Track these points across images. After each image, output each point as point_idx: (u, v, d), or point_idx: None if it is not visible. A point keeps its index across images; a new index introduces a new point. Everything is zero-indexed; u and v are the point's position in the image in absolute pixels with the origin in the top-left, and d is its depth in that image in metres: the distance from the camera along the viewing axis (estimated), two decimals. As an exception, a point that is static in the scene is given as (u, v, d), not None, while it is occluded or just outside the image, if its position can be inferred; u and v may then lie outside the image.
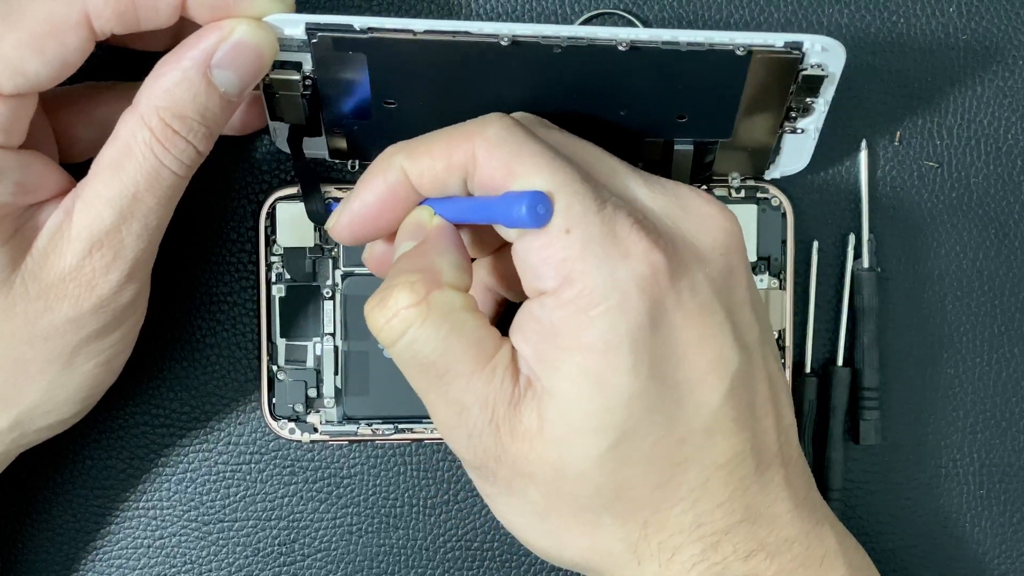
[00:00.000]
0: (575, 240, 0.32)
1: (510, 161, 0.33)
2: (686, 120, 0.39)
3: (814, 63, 0.37)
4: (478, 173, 0.33)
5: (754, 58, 0.36)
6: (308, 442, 0.42)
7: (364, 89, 0.38)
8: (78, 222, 0.35)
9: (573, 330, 0.32)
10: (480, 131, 0.34)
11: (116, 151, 0.34)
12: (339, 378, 0.42)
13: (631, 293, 0.32)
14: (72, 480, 0.43)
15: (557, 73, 0.37)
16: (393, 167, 0.35)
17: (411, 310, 0.33)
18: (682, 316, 0.33)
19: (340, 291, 0.42)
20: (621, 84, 0.37)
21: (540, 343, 0.33)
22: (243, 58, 0.34)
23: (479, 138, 0.33)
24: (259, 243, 0.41)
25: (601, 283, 0.32)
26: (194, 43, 0.34)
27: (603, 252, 0.32)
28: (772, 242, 0.42)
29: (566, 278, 0.32)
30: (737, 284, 0.35)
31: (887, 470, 0.44)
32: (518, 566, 0.44)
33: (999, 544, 0.44)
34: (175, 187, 0.35)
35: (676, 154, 0.39)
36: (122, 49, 0.39)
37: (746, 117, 0.39)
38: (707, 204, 0.35)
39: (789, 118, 0.39)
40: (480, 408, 0.33)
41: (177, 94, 0.34)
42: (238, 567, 0.44)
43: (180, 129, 0.34)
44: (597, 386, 0.32)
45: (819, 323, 0.44)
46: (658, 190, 0.35)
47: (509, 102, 0.38)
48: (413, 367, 0.34)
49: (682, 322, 0.33)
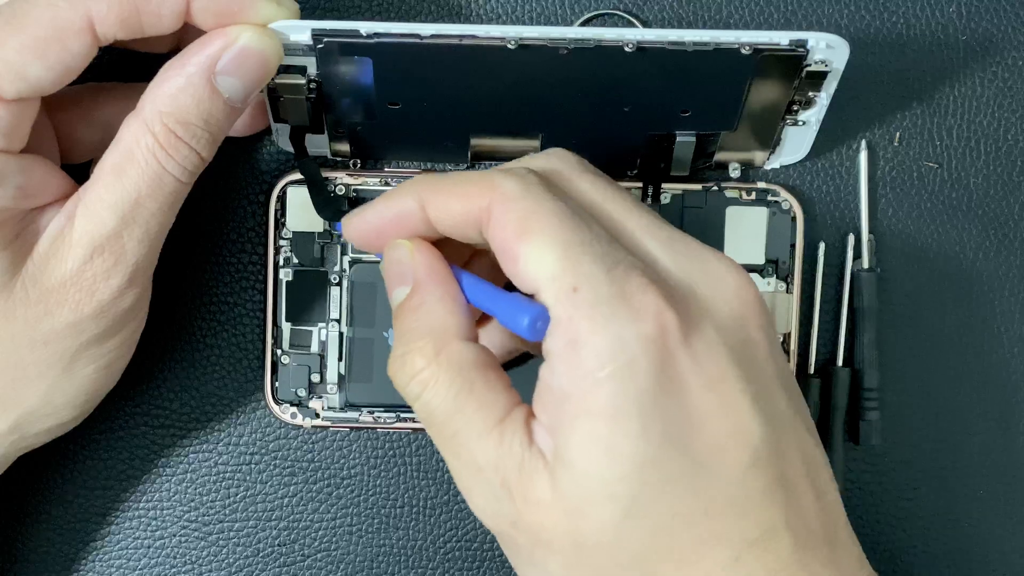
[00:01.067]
0: (583, 299, 0.31)
1: (523, 219, 0.32)
2: (690, 114, 0.39)
3: (818, 59, 0.37)
4: (492, 227, 0.33)
5: (759, 56, 0.36)
6: (310, 427, 0.42)
7: (369, 92, 0.38)
8: (80, 227, 0.34)
9: (581, 394, 0.31)
10: (499, 184, 0.33)
11: (119, 156, 0.34)
12: (343, 364, 0.42)
13: (638, 355, 0.31)
14: (72, 480, 0.43)
15: (562, 74, 0.37)
16: (414, 195, 0.34)
17: (425, 372, 0.33)
18: (697, 379, 0.31)
19: (348, 277, 0.42)
20: (626, 84, 0.37)
21: (552, 409, 0.32)
22: (248, 64, 0.34)
23: (496, 192, 0.33)
24: (268, 226, 0.42)
25: (608, 344, 0.31)
26: (198, 49, 0.34)
27: (611, 312, 0.31)
28: (781, 245, 0.42)
29: (572, 339, 0.31)
30: (758, 351, 0.33)
31: (887, 470, 0.44)
32: (518, 566, 0.44)
33: (999, 544, 0.44)
34: (177, 193, 0.35)
35: (678, 144, 0.40)
36: (125, 51, 0.39)
37: (749, 112, 0.39)
38: (729, 270, 0.33)
39: (791, 111, 0.40)
40: (493, 471, 0.32)
41: (181, 100, 0.34)
42: (238, 567, 0.44)
43: (183, 135, 0.34)
44: (607, 453, 0.31)
45: (819, 323, 0.44)
46: (680, 249, 0.34)
47: (513, 103, 0.38)
48: (431, 427, 0.34)
49: (697, 386, 0.31)
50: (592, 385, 0.31)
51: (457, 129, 0.40)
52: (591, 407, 0.31)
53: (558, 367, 0.32)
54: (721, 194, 0.42)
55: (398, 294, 0.35)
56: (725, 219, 0.42)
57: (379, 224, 0.35)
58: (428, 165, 0.43)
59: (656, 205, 0.42)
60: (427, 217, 0.34)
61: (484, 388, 0.33)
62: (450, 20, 0.42)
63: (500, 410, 0.33)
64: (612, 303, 0.31)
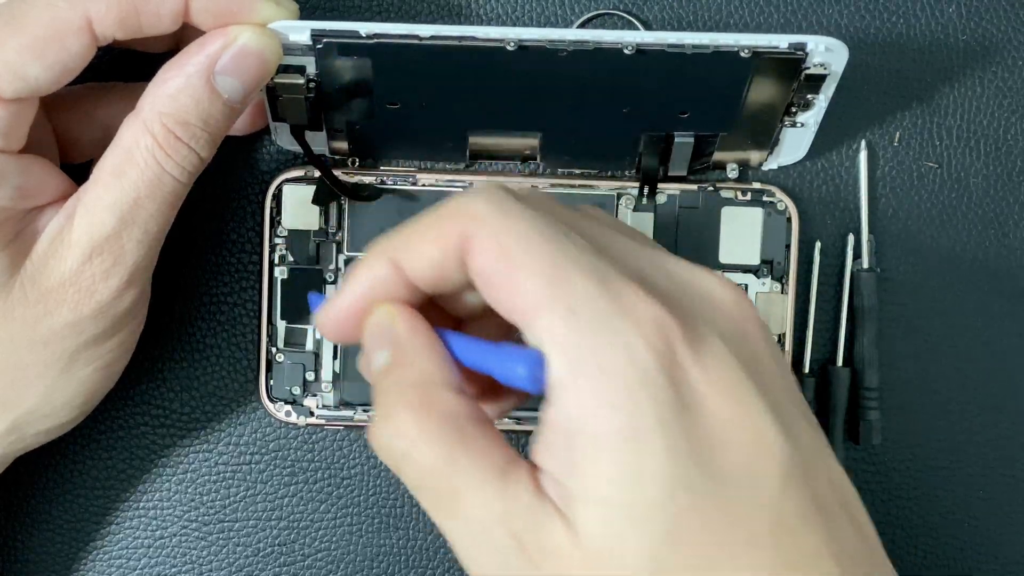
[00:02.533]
0: (582, 321, 0.29)
1: (502, 238, 0.30)
2: (688, 116, 0.39)
3: (817, 63, 0.37)
4: (473, 256, 0.30)
5: (758, 60, 0.36)
6: (304, 425, 0.42)
7: (368, 92, 0.38)
8: (79, 227, 0.34)
9: (595, 422, 0.28)
10: (470, 208, 0.30)
11: (118, 157, 0.34)
12: (337, 363, 0.42)
13: (651, 369, 0.28)
14: (72, 480, 0.43)
15: (562, 75, 0.37)
16: (383, 258, 0.31)
17: (411, 426, 0.30)
18: (710, 390, 0.29)
19: (343, 276, 0.42)
20: (625, 85, 0.37)
21: (561, 450, 0.29)
22: (247, 65, 0.34)
23: (469, 217, 0.30)
24: (264, 223, 0.42)
25: (618, 363, 0.28)
26: (197, 49, 0.34)
27: (614, 329, 0.29)
28: (776, 246, 0.42)
29: (578, 366, 0.29)
30: (765, 364, 0.31)
31: (887, 470, 0.44)
32: (518, 566, 0.44)
33: (999, 545, 0.44)
34: (177, 193, 0.35)
35: (676, 145, 0.40)
36: (124, 51, 0.39)
37: (747, 113, 0.39)
38: (723, 286, 0.31)
39: (789, 113, 0.40)
40: (499, 526, 0.29)
41: (180, 100, 0.34)
42: (238, 567, 0.44)
43: (183, 136, 0.34)
44: (635, 480, 0.28)
45: (819, 323, 0.44)
46: (669, 266, 0.31)
47: (512, 103, 0.38)
48: (423, 490, 0.30)
49: (713, 398, 0.29)
50: (607, 409, 0.28)
51: (456, 128, 0.40)
52: (608, 433, 0.28)
53: (565, 399, 0.29)
54: (717, 194, 0.42)
55: (379, 359, 0.32)
56: (720, 219, 0.42)
57: (353, 306, 0.32)
58: (427, 164, 0.42)
59: (652, 205, 0.42)
60: (405, 279, 0.31)
61: (480, 438, 0.30)
62: (449, 21, 0.42)
63: (500, 460, 0.30)
64: (613, 320, 0.29)
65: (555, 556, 0.29)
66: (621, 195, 0.42)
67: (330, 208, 0.41)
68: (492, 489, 0.29)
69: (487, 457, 0.29)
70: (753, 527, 0.28)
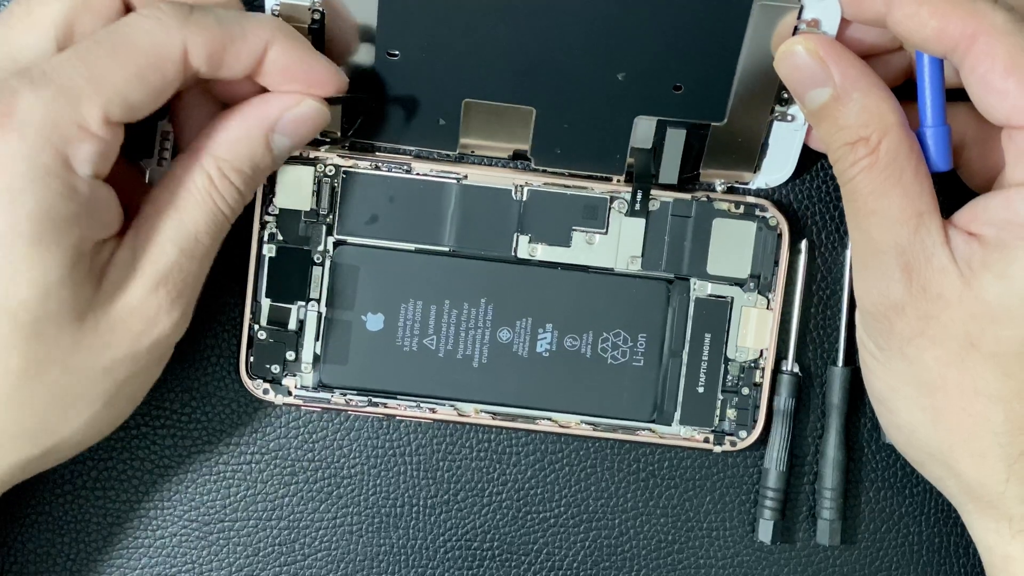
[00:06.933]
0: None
1: (1015, 55, 0.33)
2: (682, 91, 0.39)
3: (810, 19, 0.37)
4: (973, 56, 0.34)
5: (755, 5, 0.37)
6: (280, 404, 0.42)
7: (371, 34, 0.38)
8: (146, 259, 0.36)
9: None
10: (988, 15, 0.33)
11: (177, 193, 0.36)
12: (319, 344, 0.42)
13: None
14: (72, 480, 0.43)
15: (563, 22, 0.38)
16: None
17: (864, 159, 0.35)
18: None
19: (330, 258, 0.42)
20: (623, 36, 0.38)
21: (1003, 231, 0.34)
22: (303, 130, 0.37)
23: (984, 23, 0.33)
24: (256, 200, 0.42)
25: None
26: (262, 106, 0.37)
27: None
28: (766, 261, 0.42)
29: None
30: None
31: (887, 470, 0.44)
32: (518, 566, 0.44)
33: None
34: (224, 229, 0.38)
35: (668, 135, 0.40)
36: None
37: (738, 98, 0.39)
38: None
39: (780, 101, 0.40)
40: (897, 255, 0.35)
41: (238, 149, 0.37)
42: (238, 567, 0.44)
43: (235, 180, 0.37)
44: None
45: (819, 323, 0.44)
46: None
47: (510, 63, 0.39)
48: (853, 202, 0.36)
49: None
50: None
51: (452, 92, 0.40)
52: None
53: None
54: (710, 205, 0.42)
55: (816, 96, 0.36)
56: (712, 230, 0.42)
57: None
58: (415, 151, 0.42)
59: (644, 210, 0.42)
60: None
61: (912, 179, 0.35)
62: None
63: (922, 204, 0.35)
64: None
65: (938, 300, 0.34)
66: (614, 198, 0.42)
67: (322, 190, 0.41)
68: (906, 225, 0.35)
69: (912, 198, 0.35)
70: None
